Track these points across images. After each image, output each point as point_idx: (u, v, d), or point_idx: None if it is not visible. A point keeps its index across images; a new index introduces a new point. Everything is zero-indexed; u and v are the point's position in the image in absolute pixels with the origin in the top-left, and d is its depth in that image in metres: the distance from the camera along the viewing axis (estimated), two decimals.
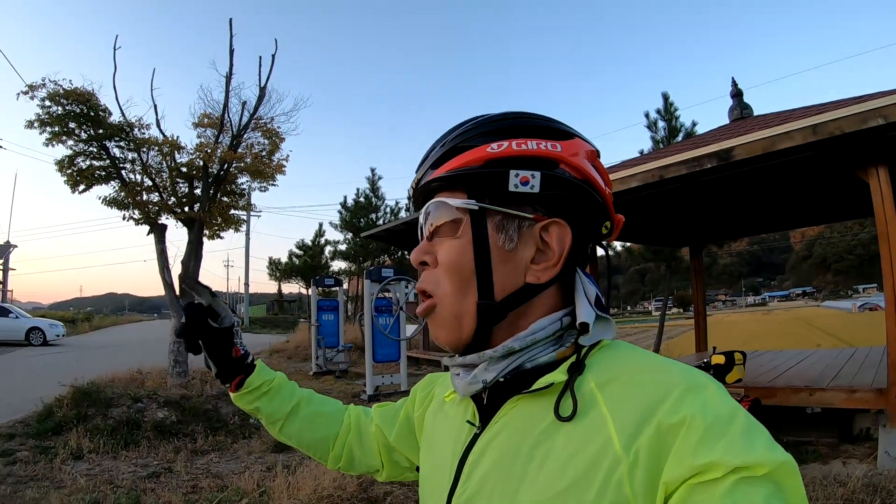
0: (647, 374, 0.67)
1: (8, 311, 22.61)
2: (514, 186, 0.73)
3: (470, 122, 0.79)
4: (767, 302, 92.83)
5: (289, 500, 4.17)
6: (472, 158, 0.74)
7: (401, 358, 10.90)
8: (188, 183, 10.36)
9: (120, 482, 5.43)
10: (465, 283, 0.74)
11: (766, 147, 5.55)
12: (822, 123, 5.22)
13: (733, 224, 10.51)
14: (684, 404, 0.60)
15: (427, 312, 0.78)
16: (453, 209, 0.75)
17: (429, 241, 0.79)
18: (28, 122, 9.16)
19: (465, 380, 0.77)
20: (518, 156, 0.73)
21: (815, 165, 6.11)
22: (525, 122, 0.77)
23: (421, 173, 0.81)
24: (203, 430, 7.25)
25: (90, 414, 7.25)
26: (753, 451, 0.56)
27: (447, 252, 0.76)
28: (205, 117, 10.34)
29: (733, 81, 9.68)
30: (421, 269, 0.80)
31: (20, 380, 11.78)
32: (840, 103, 6.21)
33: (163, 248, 10.01)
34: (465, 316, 0.74)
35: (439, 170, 0.77)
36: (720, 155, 5.84)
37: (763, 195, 7.82)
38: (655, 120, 14.69)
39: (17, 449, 6.48)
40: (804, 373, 7.39)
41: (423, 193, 0.80)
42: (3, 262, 32.16)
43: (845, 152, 5.47)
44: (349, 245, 25.76)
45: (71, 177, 9.56)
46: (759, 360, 9.14)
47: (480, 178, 0.74)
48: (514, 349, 0.73)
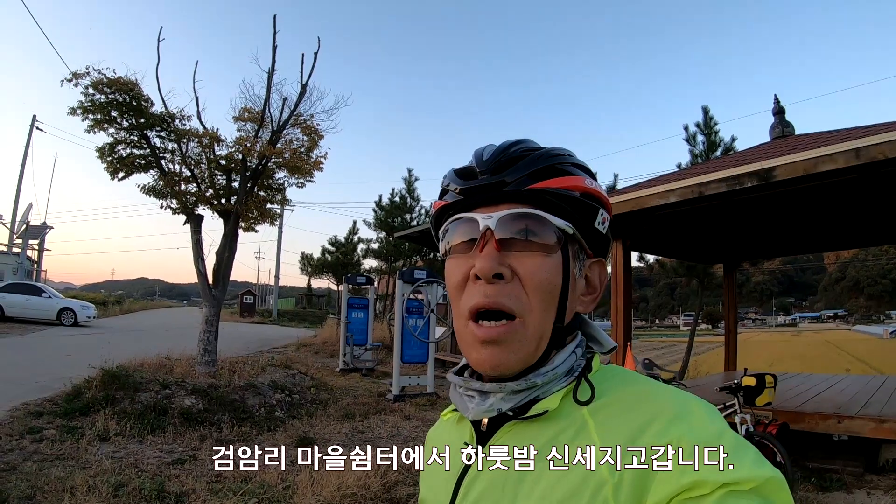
0: (636, 400, 0.69)
1: (41, 290, 23.01)
2: (598, 224, 0.78)
3: (553, 149, 0.78)
4: (798, 323, 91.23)
5: (312, 496, 4.20)
6: (572, 185, 0.75)
7: (429, 360, 10.95)
8: (226, 175, 10.49)
9: (145, 466, 5.52)
10: (551, 304, 0.74)
11: (808, 168, 5.47)
12: (866, 147, 5.13)
13: (769, 243, 10.38)
14: (671, 429, 0.63)
15: (506, 335, 0.72)
16: (554, 227, 0.74)
17: (499, 251, 0.73)
18: (71, 109, 9.32)
19: (480, 406, 0.76)
20: (601, 197, 0.78)
21: (855, 189, 6.02)
22: (588, 167, 0.80)
23: (510, 178, 0.75)
24: (229, 420, 7.34)
25: (118, 397, 7.38)
26: (740, 468, 0.58)
27: (539, 269, 0.73)
28: (245, 111, 10.43)
29: (776, 99, 9.54)
30: (488, 283, 0.73)
31: (50, 359, 11.97)
32: (884, 127, 6.12)
33: (198, 239, 10.15)
34: (544, 337, 0.74)
35: (544, 183, 0.75)
36: (761, 174, 5.77)
37: (802, 216, 7.72)
38: (695, 133, 14.56)
39: (45, 427, 6.60)
40: (833, 399, 7.30)
41: (490, 197, 0.75)
42: (39, 243, 32.70)
43: (887, 177, 5.39)
44: (382, 244, 25.84)
45: (111, 164, 9.72)
46: (789, 382, 9.03)
47: (579, 206, 0.76)
48: (537, 384, 0.74)
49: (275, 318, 39.29)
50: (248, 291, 44.24)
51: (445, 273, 0.80)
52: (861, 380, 9.75)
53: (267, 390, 8.63)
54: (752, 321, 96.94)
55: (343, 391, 10.49)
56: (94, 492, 4.46)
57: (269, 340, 21.12)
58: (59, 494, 4.44)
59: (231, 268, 10.39)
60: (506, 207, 0.74)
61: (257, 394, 8.43)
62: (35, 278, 30.08)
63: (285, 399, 8.64)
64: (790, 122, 9.29)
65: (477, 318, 0.74)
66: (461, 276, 0.76)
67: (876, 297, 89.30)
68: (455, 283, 0.77)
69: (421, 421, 8.34)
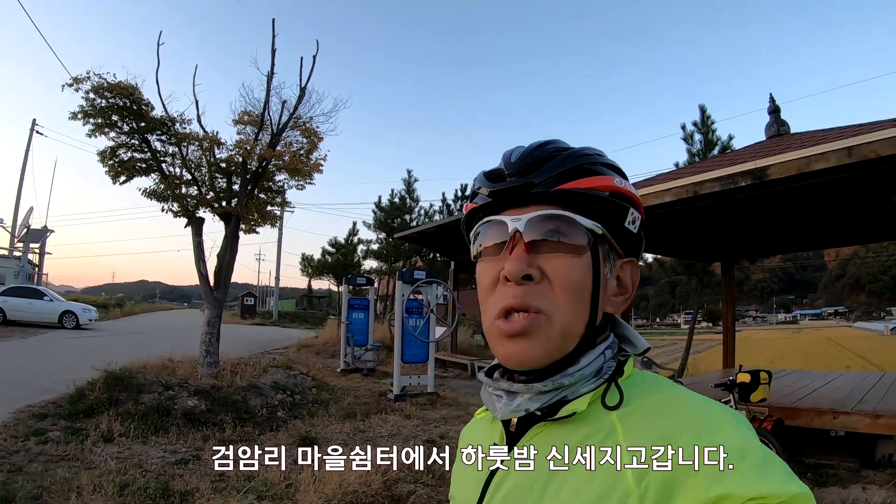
0: (665, 408, 0.69)
1: (43, 293, 23.05)
2: (629, 223, 0.78)
3: (583, 149, 0.79)
4: (798, 320, 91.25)
5: (314, 494, 4.27)
6: (601, 185, 0.75)
7: (429, 360, 11.00)
8: (227, 178, 10.54)
9: (149, 466, 5.59)
10: (581, 305, 0.74)
11: (801, 167, 5.54)
12: (857, 146, 5.20)
13: (766, 241, 10.45)
14: (699, 440, 0.62)
15: (531, 327, 0.73)
16: (582, 228, 0.74)
17: (528, 252, 0.74)
18: (72, 114, 9.38)
19: (508, 407, 0.77)
20: (631, 197, 0.78)
21: (849, 187, 6.09)
22: (617, 165, 0.81)
23: (538, 179, 0.76)
24: (231, 421, 7.42)
25: (122, 398, 7.44)
26: (768, 483, 0.57)
27: (568, 270, 0.74)
28: (245, 115, 10.50)
29: (771, 98, 9.60)
30: (518, 284, 0.74)
31: (53, 362, 12.05)
32: (876, 125, 6.17)
33: (199, 241, 10.20)
34: (571, 336, 0.74)
35: (571, 184, 0.75)
36: (754, 173, 5.84)
37: (796, 214, 7.79)
38: (692, 132, 14.69)
39: (49, 429, 6.66)
40: (830, 395, 7.35)
41: (521, 199, 0.76)
42: (40, 247, 32.80)
43: (880, 175, 5.44)
44: (381, 245, 25.99)
45: (112, 168, 9.78)
46: (786, 379, 9.08)
47: (608, 206, 0.76)
48: (564, 385, 0.74)
49: (276, 319, 39.40)
50: (248, 293, 44.36)
51: (477, 275, 0.80)
52: (858, 376, 9.81)
53: (269, 391, 8.69)
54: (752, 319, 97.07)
55: (344, 391, 10.54)
56: (100, 491, 4.53)
57: (271, 342, 21.17)
58: (65, 494, 4.51)
59: (232, 270, 10.45)
60: (534, 209, 0.75)
61: (259, 394, 8.49)
62: (36, 282, 30.14)
63: (287, 399, 8.71)
64: (785, 120, 9.34)
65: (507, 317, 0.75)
66: (492, 278, 0.76)
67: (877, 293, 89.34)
68: (486, 285, 0.77)
69: (421, 420, 8.39)
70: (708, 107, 14.61)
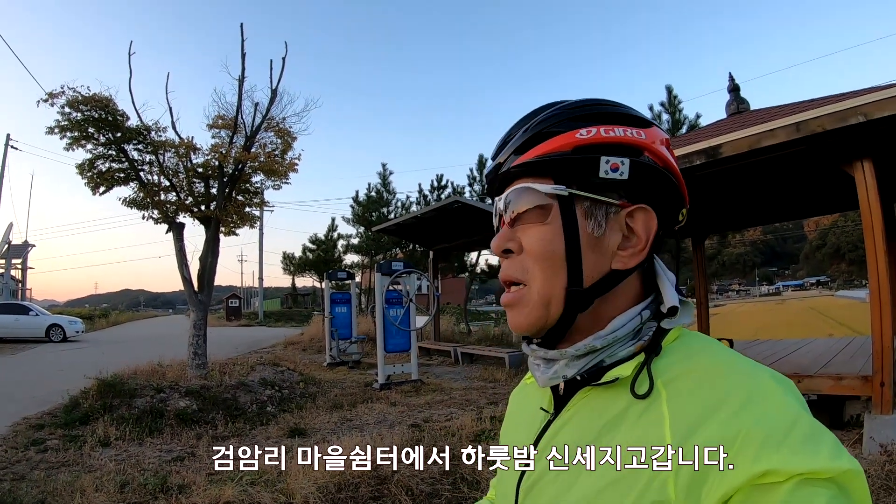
0: (712, 375, 0.67)
1: (28, 308, 23.12)
2: (604, 173, 0.72)
3: (552, 107, 0.78)
4: (781, 291, 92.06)
5: (304, 476, 4.51)
6: (561, 144, 0.73)
7: (411, 348, 11.23)
8: (204, 183, 10.71)
9: (146, 466, 5.80)
10: (555, 270, 0.73)
11: (752, 144, 5.78)
12: (805, 122, 5.43)
13: (732, 216, 10.73)
14: (743, 413, 0.60)
15: (516, 298, 0.77)
16: (542, 195, 0.74)
17: (510, 227, 0.78)
18: (49, 129, 9.49)
19: (546, 374, 0.78)
20: (607, 142, 0.73)
21: (803, 161, 6.30)
22: (609, 110, 0.77)
23: (502, 158, 0.79)
24: (223, 418, 7.63)
25: (115, 404, 7.64)
26: (816, 459, 0.56)
27: (536, 239, 0.75)
28: (219, 119, 10.66)
29: (730, 76, 9.83)
30: (503, 258, 0.79)
31: (44, 374, 12.20)
32: (825, 100, 6.42)
33: (181, 246, 10.39)
34: (553, 301, 0.74)
35: (525, 155, 0.75)
36: (708, 152, 6.07)
37: (755, 190, 8.03)
38: (659, 113, 14.93)
39: (47, 438, 6.87)
40: (798, 361, 7.59)
41: (503, 179, 0.79)
42: (22, 262, 32.70)
43: (830, 148, 5.66)
44: (361, 239, 26.14)
45: (92, 179, 9.92)
46: (759, 348, 9.38)
47: (570, 165, 0.73)
48: (596, 348, 0.74)
49: (261, 319, 39.62)
50: (233, 295, 44.35)
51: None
52: (829, 342, 10.10)
53: (257, 387, 8.92)
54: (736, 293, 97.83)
55: (331, 384, 10.77)
56: (102, 490, 4.74)
57: (258, 341, 21.37)
58: (69, 496, 4.71)
59: (215, 272, 10.63)
60: (509, 187, 0.78)
61: (248, 391, 8.71)
62: (20, 297, 30.05)
63: (275, 394, 8.93)
64: (745, 98, 9.61)
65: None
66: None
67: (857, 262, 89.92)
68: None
69: (406, 406, 8.63)
70: (674, 87, 14.93)
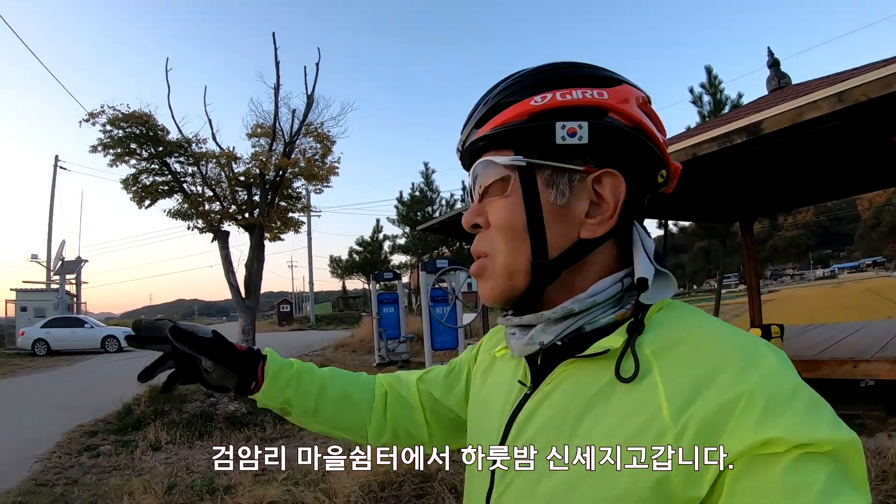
0: (704, 342, 0.64)
1: (83, 321, 23.85)
2: (561, 139, 0.69)
3: (512, 76, 0.76)
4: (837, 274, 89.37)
5: (347, 476, 4.52)
6: (516, 114, 0.71)
7: (458, 345, 11.22)
8: (247, 190, 10.90)
9: (195, 468, 5.91)
10: (517, 242, 0.72)
11: (794, 118, 5.50)
12: (847, 91, 5.12)
13: (780, 196, 10.34)
14: (742, 378, 0.58)
15: (481, 271, 0.77)
16: (501, 167, 0.73)
17: (479, 202, 0.78)
18: (92, 147, 9.83)
19: (521, 340, 0.75)
20: (563, 107, 0.70)
21: (848, 133, 6.00)
22: (568, 72, 0.73)
23: (465, 134, 0.78)
24: (272, 420, 7.69)
25: (166, 410, 7.83)
26: (818, 429, 0.54)
27: (498, 211, 0.74)
28: (258, 127, 10.84)
29: (769, 51, 9.57)
30: (475, 233, 0.79)
31: (100, 384, 12.51)
32: (868, 68, 6.15)
33: (227, 254, 10.57)
34: (517, 273, 0.73)
35: (483, 128, 0.74)
36: (749, 129, 5.81)
37: (802, 167, 7.73)
38: (700, 94, 14.63)
39: (100, 444, 7.08)
40: (854, 345, 7.34)
41: (471, 154, 0.78)
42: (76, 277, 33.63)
43: (876, 118, 5.36)
44: (408, 239, 26.30)
45: (136, 193, 10.18)
46: (812, 333, 9.11)
47: (526, 133, 0.71)
48: (574, 311, 0.71)
49: (313, 323, 39.88)
50: (284, 300, 45.06)
51: None
52: (886, 324, 9.77)
53: None
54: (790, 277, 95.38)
55: None
56: (150, 492, 4.83)
57: (308, 345, 21.58)
58: (118, 498, 4.81)
59: (261, 277, 10.79)
60: (475, 163, 0.77)
61: None
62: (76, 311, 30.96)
63: None
64: (786, 73, 9.33)
65: None
66: None
67: None
68: None
69: None
70: (714, 67, 14.58)
